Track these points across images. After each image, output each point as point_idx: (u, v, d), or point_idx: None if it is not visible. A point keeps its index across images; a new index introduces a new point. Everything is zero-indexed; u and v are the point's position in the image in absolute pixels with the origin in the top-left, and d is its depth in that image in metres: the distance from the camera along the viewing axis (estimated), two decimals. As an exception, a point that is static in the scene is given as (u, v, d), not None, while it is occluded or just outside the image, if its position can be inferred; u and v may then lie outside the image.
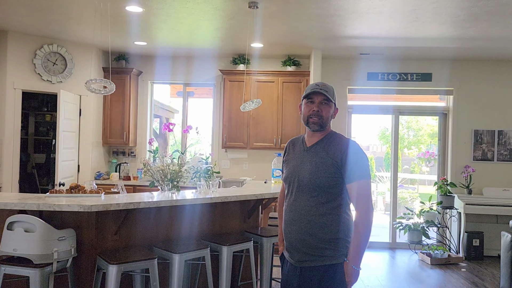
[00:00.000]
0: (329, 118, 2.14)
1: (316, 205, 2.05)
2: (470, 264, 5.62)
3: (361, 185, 2.02)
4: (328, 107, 2.12)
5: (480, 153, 6.26)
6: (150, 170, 3.54)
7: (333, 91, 2.17)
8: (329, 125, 2.17)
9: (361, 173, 2.02)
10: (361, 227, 2.00)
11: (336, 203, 2.05)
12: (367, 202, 2.01)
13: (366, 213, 2.00)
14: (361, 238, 1.99)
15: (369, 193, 2.03)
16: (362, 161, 2.05)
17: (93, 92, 3.21)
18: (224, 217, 3.69)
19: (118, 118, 6.37)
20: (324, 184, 2.04)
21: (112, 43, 5.86)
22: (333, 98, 2.14)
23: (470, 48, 5.53)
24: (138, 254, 2.81)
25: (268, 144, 6.13)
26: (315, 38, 5.22)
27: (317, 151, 2.10)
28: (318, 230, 2.03)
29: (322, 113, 2.10)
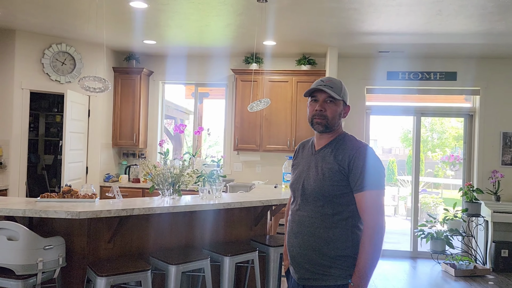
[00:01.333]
0: (336, 118, 1.90)
1: (321, 217, 1.82)
2: (498, 277, 5.21)
3: (370, 196, 1.76)
4: (334, 105, 1.89)
5: (509, 157, 5.84)
6: (150, 173, 3.34)
7: (341, 87, 1.91)
8: (339, 126, 1.93)
9: (371, 182, 1.76)
10: (367, 245, 1.75)
11: (344, 215, 1.81)
12: (376, 216, 1.75)
13: (373, 229, 1.74)
14: (367, 257, 1.74)
15: (380, 205, 1.76)
16: (373, 169, 1.78)
17: (88, 91, 3.03)
18: (228, 224, 3.46)
19: (128, 119, 6.22)
20: (330, 193, 1.81)
21: (121, 42, 5.72)
22: (340, 95, 1.89)
23: (498, 45, 5.14)
24: (131, 265, 2.59)
25: (282, 147, 5.87)
26: (330, 34, 4.94)
27: (324, 156, 1.88)
28: (323, 246, 1.80)
29: (326, 112, 1.87)
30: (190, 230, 3.25)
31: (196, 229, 3.27)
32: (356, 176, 1.78)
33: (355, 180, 1.78)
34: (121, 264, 2.60)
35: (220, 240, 3.38)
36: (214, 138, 10.15)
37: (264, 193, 3.76)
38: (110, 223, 2.76)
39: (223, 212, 3.41)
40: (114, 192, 3.00)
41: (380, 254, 1.76)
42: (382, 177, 1.80)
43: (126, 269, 2.51)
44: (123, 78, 6.24)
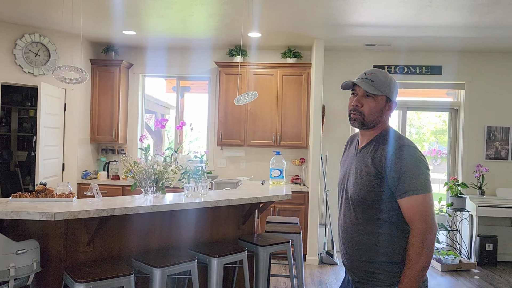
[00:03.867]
0: (374, 115, 1.73)
1: (363, 223, 1.72)
2: (483, 271, 5.22)
3: (415, 201, 1.61)
4: (373, 101, 1.72)
5: (493, 152, 5.86)
6: (132, 170, 3.15)
7: (385, 80, 1.73)
8: (381, 122, 1.75)
9: (413, 186, 1.61)
10: (411, 251, 1.62)
11: (387, 220, 1.68)
12: (420, 222, 1.61)
13: (417, 235, 1.61)
14: (410, 264, 1.62)
15: (427, 210, 1.61)
16: (414, 171, 1.62)
17: (63, 82, 2.81)
18: (215, 223, 3.30)
19: (107, 114, 5.97)
20: (368, 199, 1.69)
21: (99, 33, 5.46)
22: (382, 90, 1.71)
23: (485, 38, 5.11)
24: (112, 269, 2.41)
25: (267, 142, 5.73)
26: (317, 26, 4.81)
27: (364, 156, 1.75)
28: (369, 253, 1.71)
29: (363, 108, 1.73)
30: (175, 230, 3.08)
31: (181, 229, 3.10)
32: (395, 181, 1.63)
33: (395, 185, 1.64)
34: (101, 268, 2.41)
35: (207, 240, 3.23)
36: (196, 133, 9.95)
37: (252, 190, 3.61)
38: (89, 224, 2.56)
39: (209, 211, 3.25)
40: (93, 191, 2.80)
41: (427, 262, 1.61)
42: (424, 179, 1.63)
43: (106, 273, 2.32)
44: (101, 70, 5.97)
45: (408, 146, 1.68)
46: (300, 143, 5.68)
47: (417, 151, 1.67)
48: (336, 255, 5.45)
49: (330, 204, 5.85)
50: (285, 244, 3.25)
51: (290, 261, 3.35)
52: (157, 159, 3.33)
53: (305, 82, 5.67)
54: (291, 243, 3.38)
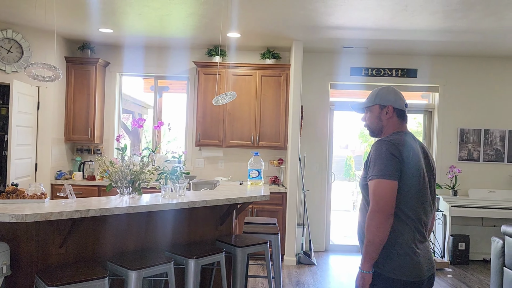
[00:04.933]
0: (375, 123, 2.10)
1: (363, 206, 2.04)
2: (456, 270, 5.36)
3: (372, 184, 1.89)
4: (369, 112, 2.12)
5: (466, 153, 6.02)
6: (108, 170, 3.09)
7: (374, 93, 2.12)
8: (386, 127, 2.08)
9: (373, 172, 1.90)
10: (366, 228, 1.89)
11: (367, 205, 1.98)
12: (374, 202, 1.86)
13: (371, 213, 1.87)
14: (365, 239, 1.89)
15: (379, 193, 1.85)
16: (376, 159, 1.91)
17: (35, 79, 2.72)
18: (192, 224, 3.27)
19: (83, 113, 5.84)
20: (362, 184, 2.02)
21: (74, 30, 5.34)
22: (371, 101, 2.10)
23: (458, 43, 5.25)
24: (86, 272, 2.36)
25: (245, 142, 5.72)
26: (296, 27, 4.84)
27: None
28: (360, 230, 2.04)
29: (366, 121, 2.14)
30: (152, 231, 3.04)
31: (158, 230, 3.06)
32: (368, 168, 1.94)
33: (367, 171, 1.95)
34: (74, 272, 2.35)
35: (184, 241, 3.20)
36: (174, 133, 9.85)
37: (230, 191, 3.60)
38: (62, 226, 2.50)
39: (187, 212, 3.22)
40: (67, 192, 2.73)
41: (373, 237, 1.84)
42: (384, 165, 1.86)
43: (80, 276, 2.27)
44: (76, 68, 5.84)
45: (381, 140, 1.96)
46: (278, 143, 5.70)
47: (386, 143, 1.91)
48: (313, 255, 5.49)
49: (308, 205, 5.89)
50: (263, 245, 3.25)
51: (268, 261, 3.35)
52: (134, 159, 3.28)
53: (284, 83, 5.69)
54: (269, 244, 3.38)
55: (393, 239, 1.86)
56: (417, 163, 1.92)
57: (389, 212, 1.83)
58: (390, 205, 1.83)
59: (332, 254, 5.90)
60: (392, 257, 1.86)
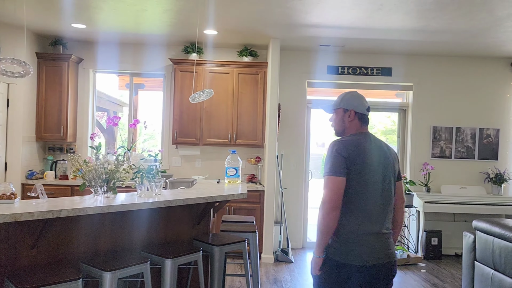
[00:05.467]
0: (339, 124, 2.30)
1: None
2: (429, 264, 5.49)
3: (324, 180, 2.13)
4: (334, 115, 2.33)
5: (438, 150, 6.16)
6: (81, 169, 3.01)
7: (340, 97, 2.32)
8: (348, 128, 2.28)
9: (325, 169, 2.14)
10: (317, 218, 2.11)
11: None
12: (323, 195, 2.08)
13: (320, 205, 2.09)
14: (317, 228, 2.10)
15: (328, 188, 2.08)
16: (327, 158, 2.15)
17: (4, 75, 2.61)
18: (169, 223, 3.23)
19: (55, 110, 5.68)
20: None
21: (46, 25, 5.18)
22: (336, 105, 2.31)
23: (432, 42, 5.36)
24: (58, 274, 2.29)
25: (223, 140, 5.69)
26: (273, 25, 4.84)
27: None
28: None
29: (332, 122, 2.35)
30: (127, 231, 2.98)
31: (134, 230, 3.01)
32: None
33: None
34: (46, 274, 2.28)
35: (161, 240, 3.15)
36: (150, 132, 9.70)
37: (207, 189, 3.57)
38: (33, 227, 2.42)
39: (163, 211, 3.17)
40: (38, 191, 2.64)
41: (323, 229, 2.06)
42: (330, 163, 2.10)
43: (52, 279, 2.20)
44: (48, 65, 5.67)
45: (334, 141, 2.19)
46: (256, 142, 5.69)
47: (337, 144, 2.14)
48: (291, 252, 5.52)
49: (286, 203, 5.91)
50: (241, 243, 3.24)
51: (245, 260, 3.34)
52: (108, 157, 3.21)
53: (261, 81, 5.69)
54: (246, 242, 3.37)
55: (340, 228, 2.08)
56: (367, 160, 2.10)
57: (335, 204, 2.04)
58: (336, 198, 2.04)
59: (309, 251, 5.94)
60: (337, 243, 2.08)
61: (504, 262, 3.57)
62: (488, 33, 4.84)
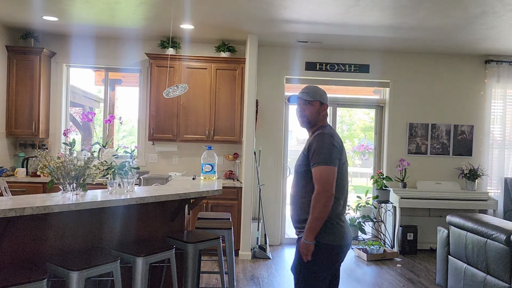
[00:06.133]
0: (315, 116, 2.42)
1: (299, 189, 2.38)
2: (404, 259, 5.55)
3: (316, 170, 2.25)
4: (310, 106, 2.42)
5: (414, 147, 6.24)
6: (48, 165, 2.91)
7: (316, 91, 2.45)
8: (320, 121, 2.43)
9: (316, 160, 2.25)
10: (312, 207, 2.23)
11: (309, 187, 2.29)
12: (318, 185, 2.22)
13: (315, 195, 2.22)
14: (311, 216, 2.23)
15: (324, 177, 2.22)
16: (319, 149, 2.27)
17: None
18: (142, 221, 3.16)
19: (26, 106, 5.51)
20: (301, 171, 2.36)
21: (16, 17, 5.00)
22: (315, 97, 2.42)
23: (407, 39, 5.41)
24: (22, 274, 2.20)
25: (200, 137, 5.62)
26: (250, 20, 4.79)
27: (304, 145, 2.43)
28: (299, 210, 2.37)
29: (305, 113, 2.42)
30: (98, 229, 2.90)
31: (105, 228, 2.93)
32: (311, 156, 2.29)
33: (311, 159, 2.29)
34: (9, 274, 2.19)
35: (133, 239, 3.08)
36: (129, 128, 9.54)
37: (182, 186, 3.51)
38: (-4, 226, 2.32)
39: (136, 208, 3.10)
40: (1, 188, 2.54)
41: (319, 215, 2.20)
42: (326, 154, 2.24)
43: (15, 280, 2.11)
44: (19, 58, 5.49)
45: (322, 133, 2.33)
46: (233, 138, 5.64)
47: (328, 136, 2.30)
48: (269, 249, 5.50)
49: (263, 199, 5.89)
50: (215, 240, 3.20)
51: (220, 257, 3.30)
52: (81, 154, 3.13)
53: (239, 77, 5.64)
54: (222, 239, 3.33)
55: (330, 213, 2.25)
56: (344, 151, 2.37)
57: (332, 192, 2.22)
58: (333, 187, 2.22)
59: (287, 247, 5.95)
60: (327, 227, 2.26)
61: (477, 256, 3.64)
62: (463, 30, 4.90)
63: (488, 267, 3.49)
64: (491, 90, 6.21)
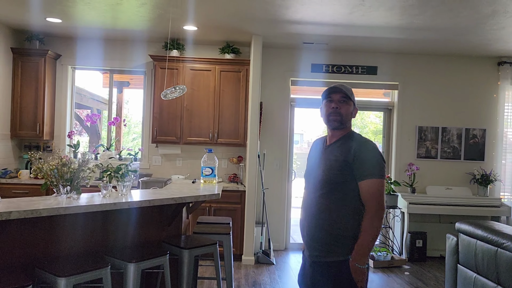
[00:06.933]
0: (349, 116, 2.14)
1: (328, 202, 2.06)
2: (413, 267, 5.38)
3: (370, 183, 1.99)
4: (347, 105, 2.13)
5: (424, 151, 6.07)
6: (42, 168, 2.86)
7: (352, 92, 2.17)
8: (350, 124, 2.17)
9: (371, 172, 1.99)
10: (365, 224, 1.99)
11: (347, 200, 2.03)
12: (375, 201, 1.98)
13: (371, 212, 1.98)
14: (364, 236, 1.97)
15: (379, 192, 1.99)
16: (372, 160, 2.02)
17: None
18: (137, 225, 3.08)
19: (30, 107, 5.50)
20: (336, 181, 2.04)
21: (20, 19, 5.01)
22: (352, 97, 2.15)
23: (416, 41, 5.26)
24: (7, 280, 2.14)
25: (204, 139, 5.55)
26: (254, 21, 4.70)
27: (333, 150, 2.13)
28: (329, 226, 2.04)
29: (341, 110, 2.11)
30: (91, 234, 2.83)
31: (98, 233, 2.86)
32: (359, 166, 1.99)
33: (359, 170, 1.99)
34: (-6, 280, 2.13)
35: (127, 244, 3.00)
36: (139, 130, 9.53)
37: (179, 189, 3.43)
38: (-17, 230, 2.27)
39: (130, 212, 3.02)
40: (-9, 192, 2.49)
41: (376, 233, 1.98)
42: (380, 166, 2.01)
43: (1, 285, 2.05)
44: (24, 60, 5.49)
45: (370, 141, 2.10)
46: (237, 140, 5.56)
47: (374, 144, 2.08)
48: (272, 254, 5.39)
49: (268, 203, 5.79)
50: (211, 246, 3.11)
51: (216, 263, 3.21)
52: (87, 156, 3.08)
53: (243, 79, 5.55)
54: (218, 245, 3.24)
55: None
56: None
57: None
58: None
59: (292, 253, 5.82)
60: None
61: (487, 266, 3.48)
62: (474, 31, 4.74)
63: (499, 277, 3.33)
64: (504, 92, 6.01)
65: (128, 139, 9.96)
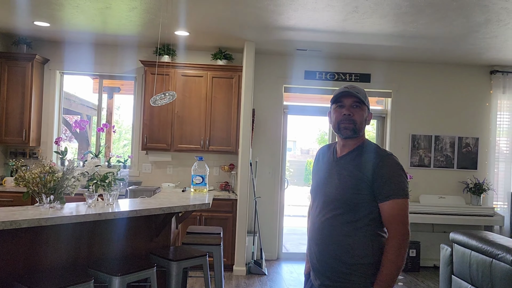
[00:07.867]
0: (363, 123, 1.88)
1: (341, 225, 1.80)
2: (407, 277, 5.31)
3: (395, 205, 1.73)
4: (360, 110, 1.85)
5: (417, 159, 6.03)
6: (24, 177, 2.75)
7: (365, 94, 1.89)
8: (363, 132, 1.91)
9: (395, 191, 1.73)
10: (392, 254, 1.71)
11: (364, 223, 1.78)
12: (400, 225, 1.72)
13: (397, 238, 1.71)
14: (389, 265, 1.71)
15: (404, 214, 1.74)
16: (397, 177, 1.76)
17: None
18: (124, 236, 2.97)
19: (16, 113, 5.37)
20: (352, 201, 1.78)
21: (6, 22, 4.89)
22: (365, 101, 1.86)
23: (409, 48, 5.23)
24: (-17, 296, 2.02)
25: (195, 146, 5.44)
26: (246, 27, 4.64)
27: (346, 163, 1.86)
28: (343, 253, 1.78)
29: (354, 117, 1.84)
30: (75, 246, 2.71)
31: (82, 244, 2.74)
32: (380, 185, 1.74)
33: (380, 189, 1.74)
34: (-32, 296, 2.01)
35: (114, 255, 2.88)
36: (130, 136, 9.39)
37: (168, 199, 3.32)
38: (-42, 242, 2.14)
39: (117, 222, 2.91)
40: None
41: (404, 264, 1.73)
42: (405, 184, 1.76)
43: (-27, 302, 1.93)
44: (10, 65, 5.36)
45: (391, 155, 1.81)
46: (229, 148, 5.46)
47: (396, 159, 1.81)
48: (264, 264, 5.28)
49: (260, 212, 5.69)
50: (201, 258, 3.00)
51: (206, 275, 3.10)
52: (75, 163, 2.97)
53: (235, 85, 5.48)
54: (208, 256, 3.13)
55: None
56: None
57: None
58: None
59: (284, 263, 5.72)
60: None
61: (482, 277, 3.41)
62: (467, 39, 4.72)
63: (494, 289, 3.26)
64: (496, 101, 6.00)
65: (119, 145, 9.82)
